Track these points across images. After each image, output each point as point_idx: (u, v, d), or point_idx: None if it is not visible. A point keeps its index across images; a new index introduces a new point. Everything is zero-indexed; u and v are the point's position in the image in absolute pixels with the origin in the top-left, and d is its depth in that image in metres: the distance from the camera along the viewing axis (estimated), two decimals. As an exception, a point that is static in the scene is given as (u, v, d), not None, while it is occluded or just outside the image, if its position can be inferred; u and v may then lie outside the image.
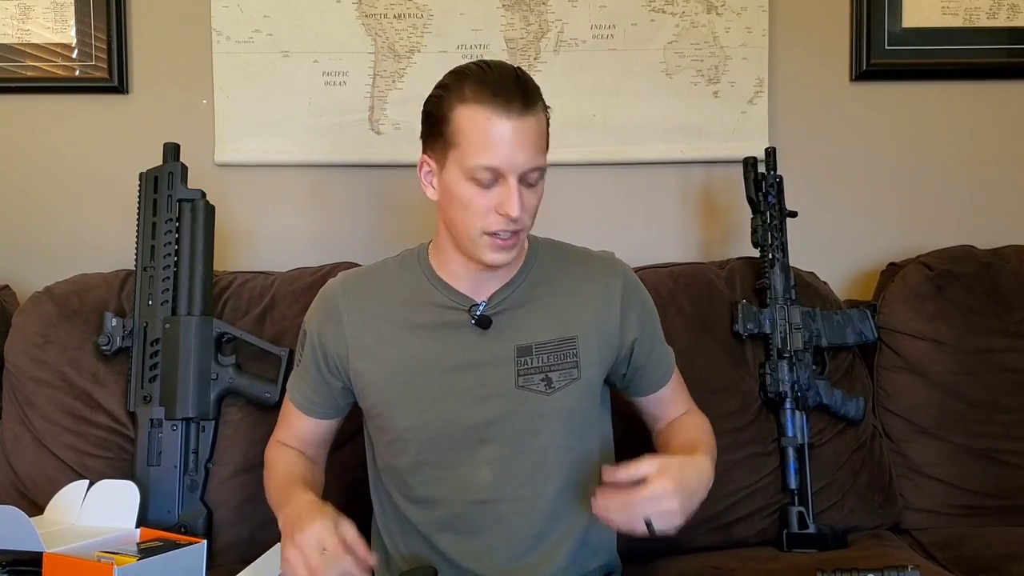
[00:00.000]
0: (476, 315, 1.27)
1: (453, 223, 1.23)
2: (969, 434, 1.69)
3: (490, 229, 1.19)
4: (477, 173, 1.17)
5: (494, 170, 1.17)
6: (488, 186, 1.18)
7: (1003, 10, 1.96)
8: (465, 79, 1.19)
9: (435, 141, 1.22)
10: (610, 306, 1.32)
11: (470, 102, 1.17)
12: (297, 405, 1.38)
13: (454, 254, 1.28)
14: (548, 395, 1.26)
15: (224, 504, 1.54)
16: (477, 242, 1.21)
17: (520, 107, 1.17)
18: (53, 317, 1.61)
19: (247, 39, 1.88)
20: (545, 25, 1.91)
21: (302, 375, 1.37)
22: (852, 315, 1.71)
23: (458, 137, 1.18)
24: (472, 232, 1.20)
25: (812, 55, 1.96)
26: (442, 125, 1.20)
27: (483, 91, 1.17)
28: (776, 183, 1.72)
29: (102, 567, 1.14)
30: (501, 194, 1.18)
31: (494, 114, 1.16)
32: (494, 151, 1.16)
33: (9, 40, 1.87)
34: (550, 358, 1.28)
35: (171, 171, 1.60)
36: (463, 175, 1.19)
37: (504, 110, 1.16)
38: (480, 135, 1.16)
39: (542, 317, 1.30)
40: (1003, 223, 1.97)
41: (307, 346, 1.34)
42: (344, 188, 1.93)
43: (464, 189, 1.19)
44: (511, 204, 1.17)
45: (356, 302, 1.32)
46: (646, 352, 1.36)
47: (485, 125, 1.16)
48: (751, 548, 1.58)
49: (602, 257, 1.39)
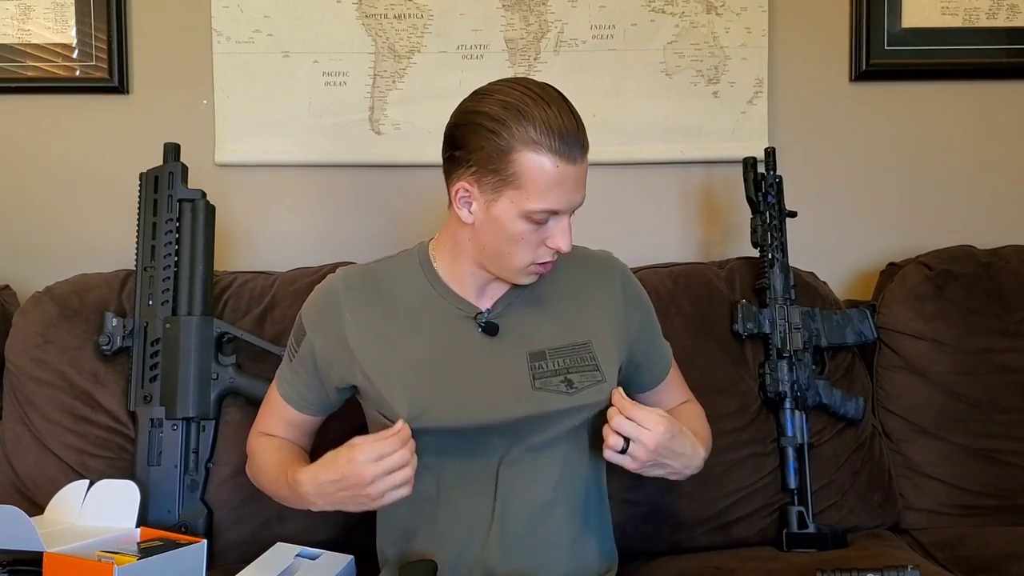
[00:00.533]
0: (482, 322, 1.28)
1: (496, 253, 1.24)
2: (969, 434, 1.69)
3: (539, 260, 1.23)
4: (537, 215, 1.19)
5: (555, 212, 1.20)
6: (542, 223, 1.21)
7: (1003, 10, 1.96)
8: (528, 122, 1.16)
9: (485, 174, 1.19)
10: (615, 306, 1.33)
11: (536, 148, 1.16)
12: (287, 400, 1.37)
13: (469, 267, 1.28)
14: (571, 395, 1.26)
15: (224, 504, 1.54)
16: (518, 272, 1.25)
17: (581, 153, 1.19)
18: (53, 317, 1.61)
19: (247, 39, 1.88)
20: (545, 25, 1.91)
21: (296, 370, 1.35)
22: (852, 315, 1.72)
23: (522, 180, 1.17)
24: (519, 265, 1.23)
25: (812, 55, 1.96)
26: (500, 163, 1.17)
27: (551, 140, 1.16)
28: (776, 183, 1.73)
29: (102, 567, 1.14)
30: (553, 229, 1.21)
31: (563, 163, 1.17)
32: (559, 197, 1.19)
33: (9, 40, 1.87)
34: (566, 361, 1.28)
35: (171, 171, 1.60)
36: (519, 214, 1.19)
37: (570, 157, 1.17)
38: (547, 182, 1.17)
39: (551, 323, 1.30)
40: (1003, 223, 1.97)
41: (303, 342, 1.33)
42: (344, 188, 1.93)
43: (518, 226, 1.20)
44: (565, 240, 1.22)
45: (357, 299, 1.31)
46: (645, 348, 1.38)
47: (553, 174, 1.17)
48: (751, 548, 1.58)
49: (600, 256, 1.40)
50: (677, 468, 1.25)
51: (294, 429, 1.39)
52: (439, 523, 1.27)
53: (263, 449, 1.38)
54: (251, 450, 1.41)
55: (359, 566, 1.38)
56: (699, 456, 1.28)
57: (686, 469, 1.26)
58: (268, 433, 1.40)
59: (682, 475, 1.27)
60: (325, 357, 1.30)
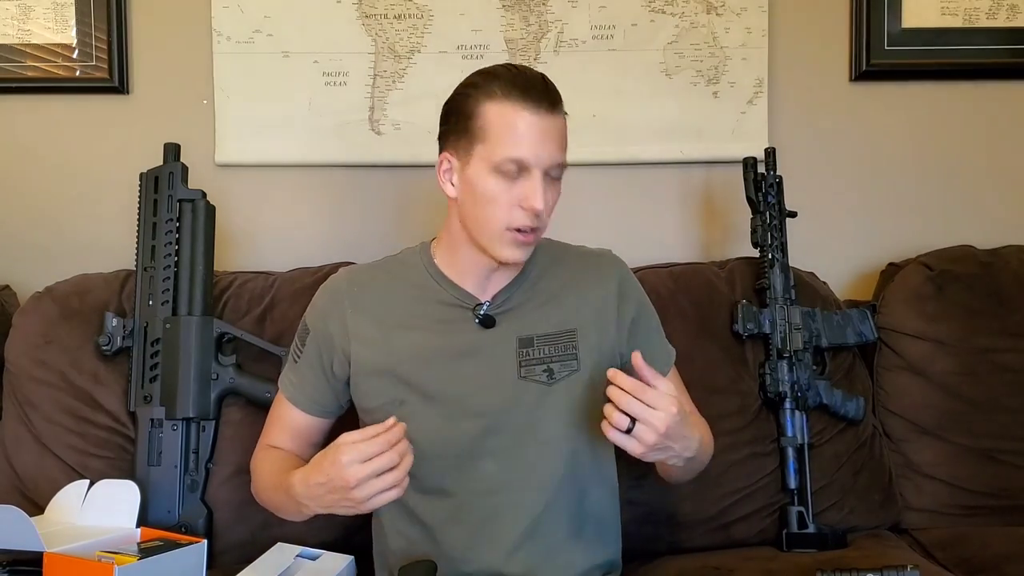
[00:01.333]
0: (480, 315, 1.28)
1: (475, 219, 1.24)
2: (969, 434, 1.69)
3: (514, 224, 1.22)
4: (504, 166, 1.20)
5: (520, 162, 1.20)
6: (513, 179, 1.21)
7: (1003, 10, 1.96)
8: (494, 78, 1.22)
9: (459, 138, 1.24)
10: (607, 302, 1.34)
11: (500, 98, 1.21)
12: (294, 402, 1.37)
13: (466, 252, 1.29)
14: (549, 385, 1.27)
15: (224, 504, 1.54)
16: (499, 238, 1.23)
17: (548, 105, 1.21)
18: (54, 317, 1.61)
19: (247, 39, 1.88)
20: (545, 25, 1.91)
21: (302, 372, 1.36)
22: (852, 315, 1.71)
23: (486, 132, 1.21)
24: (496, 227, 1.22)
25: (812, 55, 1.96)
26: (468, 121, 1.22)
27: (512, 89, 1.21)
28: (776, 183, 1.73)
29: (102, 567, 1.14)
30: (526, 188, 1.21)
31: (524, 109, 1.20)
32: (522, 144, 1.19)
33: (9, 40, 1.87)
34: (551, 349, 1.29)
35: (171, 171, 1.60)
36: (489, 169, 1.21)
37: (534, 106, 1.20)
38: (509, 128, 1.20)
39: (543, 309, 1.31)
40: (1003, 223, 1.97)
41: (309, 342, 1.34)
42: (344, 188, 1.93)
43: (489, 183, 1.21)
44: (536, 197, 1.20)
45: (360, 296, 1.32)
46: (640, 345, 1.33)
47: (514, 119, 1.20)
48: (751, 548, 1.58)
49: (600, 254, 1.41)
50: (677, 451, 1.17)
51: (300, 439, 1.38)
52: (439, 521, 1.27)
53: (264, 460, 1.37)
54: (253, 465, 1.40)
55: (359, 566, 1.38)
56: (695, 439, 1.21)
57: (686, 452, 1.19)
58: (272, 446, 1.39)
59: (681, 459, 1.20)
60: (328, 351, 1.32)
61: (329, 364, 1.32)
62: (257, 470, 1.38)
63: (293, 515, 1.29)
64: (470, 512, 1.27)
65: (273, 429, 1.40)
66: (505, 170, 1.20)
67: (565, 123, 1.25)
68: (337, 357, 1.32)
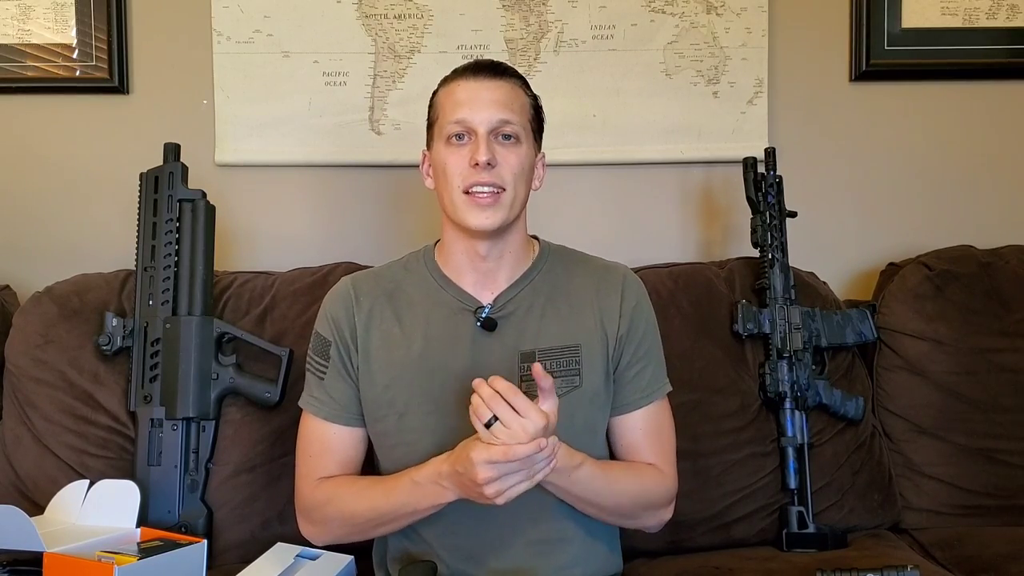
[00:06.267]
0: (482, 317, 1.28)
1: (442, 195, 1.28)
2: (969, 434, 1.69)
3: (466, 183, 1.24)
4: (450, 130, 1.25)
5: (462, 123, 1.25)
6: (462, 143, 1.25)
7: (1003, 10, 1.96)
8: (453, 72, 1.30)
9: (428, 131, 1.32)
10: (612, 314, 1.32)
11: (448, 80, 1.30)
12: (330, 419, 1.31)
13: (452, 239, 1.30)
14: None
15: (224, 504, 1.54)
16: (462, 205, 1.25)
17: (489, 72, 1.28)
18: (53, 317, 1.61)
19: (247, 39, 1.88)
20: (545, 25, 1.91)
21: (332, 386, 1.31)
22: (852, 315, 1.72)
23: (437, 111, 1.29)
24: (454, 194, 1.25)
25: (812, 55, 1.97)
26: (430, 113, 1.32)
27: (460, 70, 1.29)
28: (776, 183, 1.73)
29: (102, 567, 1.14)
30: (472, 147, 1.24)
31: (462, 80, 1.28)
32: (462, 105, 1.25)
33: (9, 40, 1.87)
34: (553, 364, 1.27)
35: (171, 171, 1.60)
36: (443, 143, 1.27)
37: (472, 74, 1.27)
38: (450, 98, 1.27)
39: (547, 323, 1.30)
40: (1003, 223, 1.97)
41: (332, 352, 1.31)
42: (344, 188, 1.93)
43: (443, 154, 1.27)
44: (479, 151, 1.23)
45: (365, 303, 1.32)
46: (628, 362, 1.32)
47: (455, 89, 1.27)
48: (751, 548, 1.58)
49: (614, 268, 1.38)
50: (561, 479, 1.19)
51: (347, 459, 1.33)
52: (441, 521, 1.27)
53: (339, 485, 1.30)
54: (321, 499, 1.30)
55: (359, 566, 1.38)
56: (575, 470, 1.20)
57: (559, 480, 1.19)
58: (324, 476, 1.32)
59: (558, 488, 1.21)
60: (348, 355, 1.31)
61: (355, 368, 1.31)
62: (337, 495, 1.29)
63: (404, 519, 1.25)
64: (470, 514, 1.26)
65: (315, 461, 1.32)
66: (453, 134, 1.25)
67: (519, 92, 1.29)
68: (354, 359, 1.31)
